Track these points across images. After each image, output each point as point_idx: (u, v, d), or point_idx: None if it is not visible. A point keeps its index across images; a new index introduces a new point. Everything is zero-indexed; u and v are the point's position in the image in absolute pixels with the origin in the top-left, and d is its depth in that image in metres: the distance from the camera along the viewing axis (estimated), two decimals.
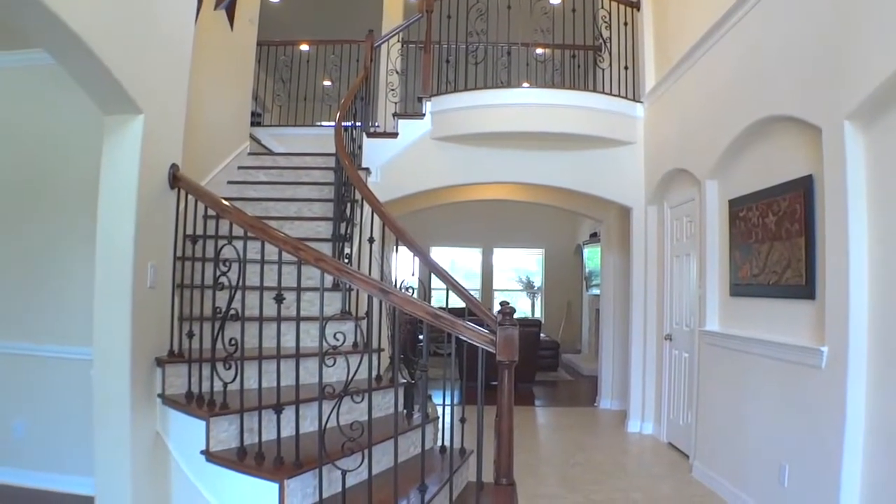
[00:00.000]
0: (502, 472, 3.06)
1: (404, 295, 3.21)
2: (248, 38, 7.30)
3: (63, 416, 4.97)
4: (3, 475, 5.04)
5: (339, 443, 3.17)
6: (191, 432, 3.51)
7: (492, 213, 13.40)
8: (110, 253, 3.65)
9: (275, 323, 3.40)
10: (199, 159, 4.48)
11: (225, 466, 3.34)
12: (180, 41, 4.21)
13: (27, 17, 2.96)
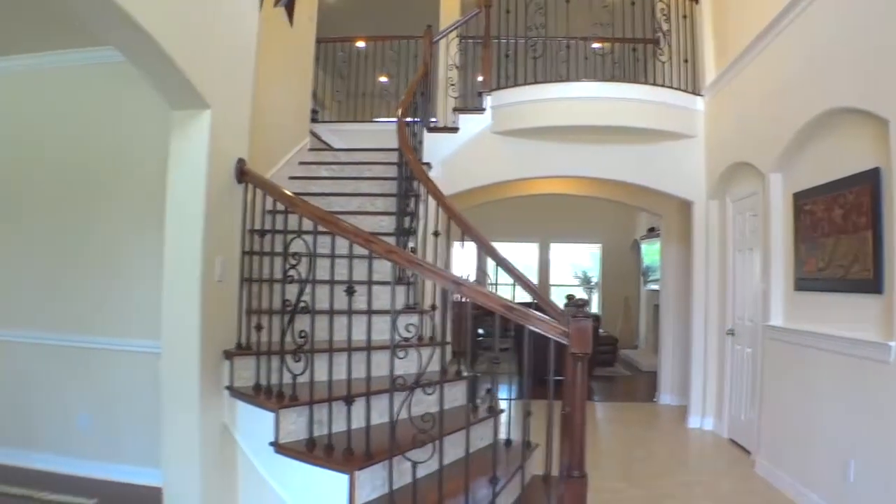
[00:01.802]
0: (574, 464, 3.01)
1: (478, 287, 3.18)
2: (307, 35, 7.35)
3: (128, 408, 5.07)
4: (70, 466, 5.16)
5: (407, 435, 3.17)
6: (259, 424, 3.54)
7: (549, 207, 13.30)
8: (179, 247, 3.69)
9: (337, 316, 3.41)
10: (261, 155, 4.52)
11: (294, 458, 3.36)
12: (245, 37, 4.25)
13: (100, 15, 3.02)
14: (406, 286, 4.72)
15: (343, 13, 10.61)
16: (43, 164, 5.45)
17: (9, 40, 5.25)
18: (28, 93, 5.56)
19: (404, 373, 3.31)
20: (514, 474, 3.60)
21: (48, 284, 5.35)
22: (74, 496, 4.62)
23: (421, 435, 3.09)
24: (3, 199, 5.56)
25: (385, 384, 3.45)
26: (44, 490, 4.72)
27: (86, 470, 5.11)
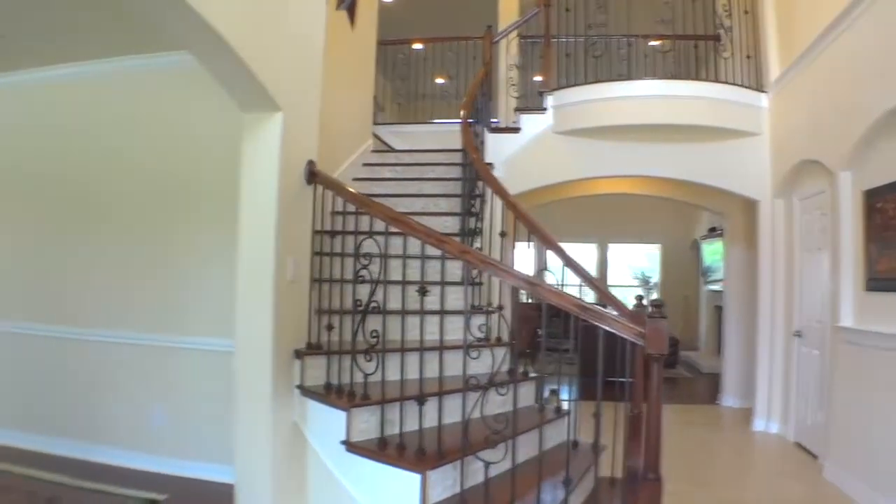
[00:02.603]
0: (650, 467, 2.97)
1: (552, 287, 3.16)
2: (369, 38, 7.41)
3: (200, 406, 5.17)
4: (143, 461, 5.29)
5: (478, 435, 3.16)
6: (329, 423, 3.56)
7: (608, 207, 13.18)
8: (252, 248, 3.75)
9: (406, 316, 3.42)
10: (326, 156, 4.56)
11: (365, 457, 3.37)
12: (312, 40, 4.31)
13: (176, 21, 3.08)
14: (474, 286, 4.72)
15: (402, 16, 10.66)
16: (117, 168, 5.60)
17: (87, 46, 5.41)
18: (106, 97, 5.71)
19: (473, 372, 3.31)
20: (584, 476, 3.58)
21: (121, 285, 5.50)
22: (146, 491, 4.72)
23: (493, 435, 3.09)
24: (79, 202, 5.73)
25: (454, 384, 3.46)
26: (117, 484, 4.84)
27: (158, 466, 5.22)
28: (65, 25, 5.00)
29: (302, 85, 4.09)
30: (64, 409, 5.68)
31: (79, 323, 5.64)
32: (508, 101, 7.92)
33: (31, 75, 5.99)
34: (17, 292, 5.99)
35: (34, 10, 4.76)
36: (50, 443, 5.65)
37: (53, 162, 5.89)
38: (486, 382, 3.16)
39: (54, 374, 5.74)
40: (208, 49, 3.31)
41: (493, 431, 3.07)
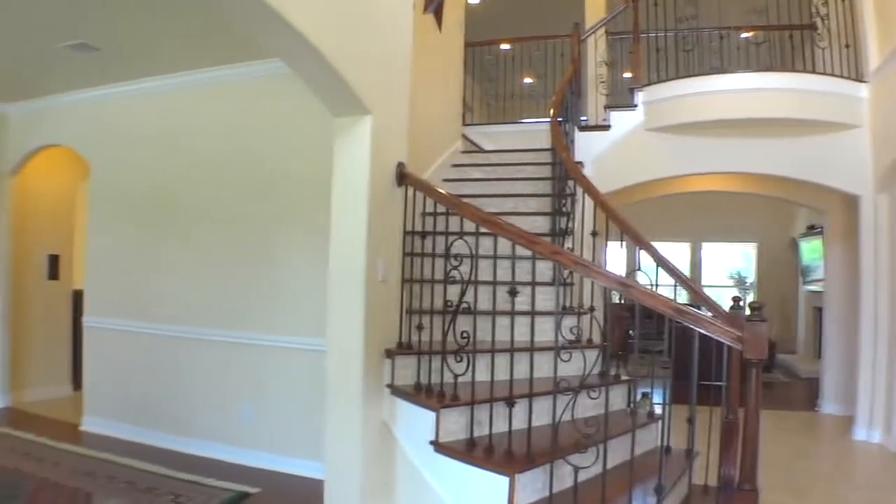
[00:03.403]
0: (746, 476, 2.89)
1: (645, 289, 3.10)
2: (456, 40, 7.43)
3: (291, 403, 5.29)
4: (236, 455, 5.47)
5: (568, 438, 3.13)
6: (419, 422, 3.59)
7: (701, 205, 12.86)
8: (344, 249, 3.81)
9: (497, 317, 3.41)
10: (416, 158, 4.60)
11: (454, 458, 3.36)
12: (400, 44, 4.35)
13: (270, 31, 3.18)
14: (564, 287, 4.68)
15: (489, 17, 10.65)
16: (213, 174, 5.80)
17: (182, 57, 5.63)
18: (203, 106, 5.94)
19: (563, 374, 3.28)
20: (677, 483, 3.50)
21: (217, 285, 5.70)
22: (239, 484, 4.85)
23: (584, 439, 3.05)
24: (178, 206, 5.97)
25: (544, 386, 3.43)
26: (210, 477, 4.99)
27: (250, 460, 5.39)
28: (161, 39, 5.22)
29: (391, 88, 4.13)
30: (162, 403, 5.94)
31: (176, 321, 5.88)
32: (598, 99, 7.83)
33: (131, 86, 6.30)
34: (122, 292, 6.30)
35: (131, 24, 4.97)
36: (149, 435, 5.94)
37: (153, 169, 6.17)
38: (577, 385, 3.12)
39: (154, 370, 6.00)
40: (300, 57, 3.39)
41: (584, 435, 3.03)
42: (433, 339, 3.77)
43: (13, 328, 7.31)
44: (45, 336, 7.69)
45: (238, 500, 4.58)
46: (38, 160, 7.33)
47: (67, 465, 5.18)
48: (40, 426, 6.38)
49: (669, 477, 3.50)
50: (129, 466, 5.19)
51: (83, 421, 6.44)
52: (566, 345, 3.06)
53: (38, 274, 7.59)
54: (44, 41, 5.32)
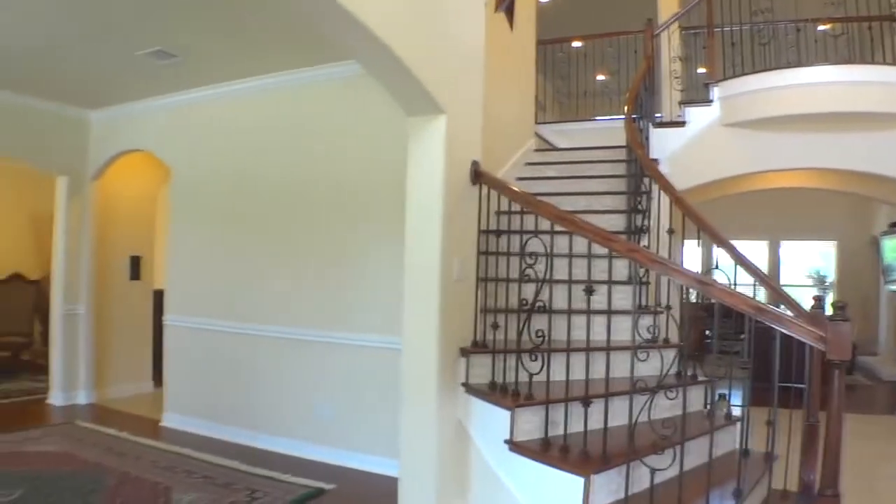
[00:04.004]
0: (827, 482, 2.80)
1: (725, 287, 3.03)
2: (528, 38, 7.39)
3: (365, 400, 5.34)
4: (312, 451, 5.56)
5: (644, 439, 3.08)
6: (493, 421, 3.58)
7: (779, 202, 12.53)
8: (419, 248, 3.84)
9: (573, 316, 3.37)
10: (490, 157, 4.59)
11: (529, 457, 3.34)
12: (473, 43, 4.36)
13: (345, 33, 3.23)
14: (640, 286, 4.61)
15: (560, 14, 10.58)
16: (292, 175, 5.90)
17: (261, 61, 5.75)
18: (280, 108, 6.04)
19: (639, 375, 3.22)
20: (755, 487, 3.41)
21: (296, 285, 5.79)
22: (315, 480, 4.92)
23: (661, 440, 2.99)
24: (258, 208, 6.09)
25: (620, 386, 3.38)
26: (287, 472, 5.06)
27: (325, 456, 5.46)
28: (236, 44, 5.33)
29: (464, 88, 4.14)
30: (239, 400, 6.07)
31: (254, 320, 6.01)
32: (672, 95, 7.67)
33: (208, 91, 6.47)
34: (202, 291, 6.48)
35: (207, 31, 5.10)
36: (227, 431, 6.09)
37: (232, 171, 6.32)
38: (654, 385, 3.07)
39: (232, 368, 6.15)
40: (375, 58, 3.44)
41: (661, 436, 2.98)
42: (508, 337, 3.76)
43: (97, 327, 7.58)
44: (128, 335, 7.96)
45: (313, 497, 4.64)
46: (120, 165, 7.60)
47: (148, 460, 5.33)
48: (122, 422, 6.59)
49: (748, 481, 3.42)
50: (207, 462, 5.32)
51: (163, 417, 6.63)
52: (643, 344, 3.00)
53: (120, 275, 7.87)
54: (123, 50, 5.50)
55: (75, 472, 4.97)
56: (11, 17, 4.92)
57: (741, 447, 3.31)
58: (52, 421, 6.67)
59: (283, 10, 4.41)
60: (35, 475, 4.83)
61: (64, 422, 6.58)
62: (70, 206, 7.41)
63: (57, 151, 7.33)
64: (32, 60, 5.90)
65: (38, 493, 4.45)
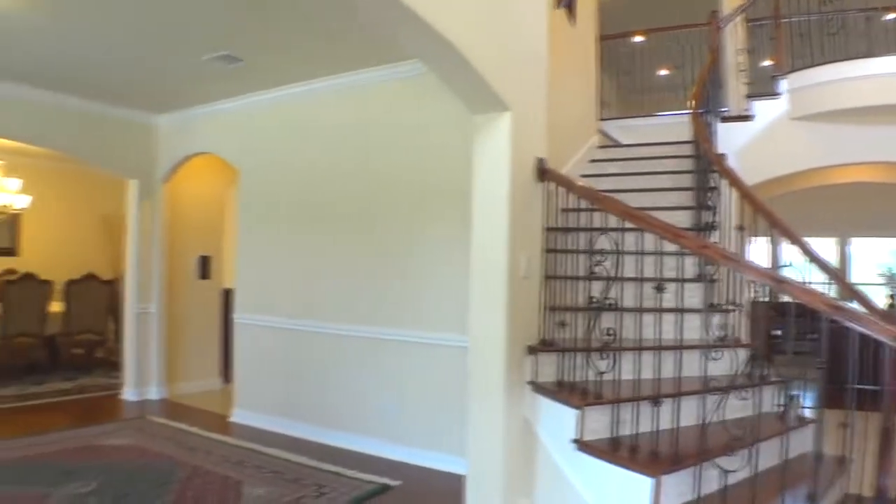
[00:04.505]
0: None
1: (800, 285, 2.96)
2: (589, 34, 7.33)
3: (434, 398, 5.34)
4: (376, 448, 5.60)
5: (715, 440, 3.03)
6: (560, 420, 3.56)
7: (848, 197, 12.14)
8: (486, 246, 3.83)
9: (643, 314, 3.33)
10: (554, 154, 4.56)
11: (597, 457, 3.31)
12: (536, 39, 4.34)
13: (408, 32, 3.23)
14: (709, 283, 4.53)
15: (621, 9, 10.45)
16: (359, 176, 5.94)
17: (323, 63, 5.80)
18: (344, 110, 6.10)
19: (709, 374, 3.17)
20: (828, 491, 3.32)
21: (363, 284, 5.83)
22: (380, 476, 4.95)
23: (734, 441, 2.94)
24: (326, 209, 6.16)
25: (689, 386, 3.33)
26: (353, 469, 5.11)
27: (392, 453, 5.49)
28: (301, 46, 5.39)
29: (528, 84, 4.12)
30: (307, 396, 6.17)
31: (321, 317, 6.09)
32: (739, 88, 7.52)
33: (273, 94, 6.57)
34: (269, 290, 6.59)
35: (272, 35, 5.16)
36: (294, 427, 6.19)
37: (297, 171, 6.41)
38: (727, 385, 3.02)
39: (299, 364, 6.24)
40: (438, 56, 3.43)
41: (734, 437, 2.93)
42: (575, 336, 3.73)
43: (168, 326, 7.79)
44: (197, 333, 8.16)
45: (379, 493, 4.67)
46: (188, 167, 7.79)
47: (218, 454, 5.44)
48: (193, 417, 6.76)
49: (820, 484, 3.34)
50: (275, 457, 5.40)
51: (232, 413, 6.76)
52: (716, 343, 2.95)
53: (190, 274, 8.07)
54: (190, 55, 5.62)
55: (148, 465, 5.11)
56: (89, 28, 5.11)
57: (816, 450, 3.22)
58: (125, 416, 6.87)
59: (348, 12, 4.44)
60: (110, 468, 4.99)
61: (137, 416, 6.77)
62: (141, 208, 7.63)
63: (128, 156, 7.54)
64: (104, 69, 6.10)
65: (114, 485, 4.58)
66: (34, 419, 6.53)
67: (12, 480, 4.66)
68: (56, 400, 7.46)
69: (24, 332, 8.24)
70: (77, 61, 5.89)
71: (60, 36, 5.28)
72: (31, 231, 10.71)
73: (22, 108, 6.69)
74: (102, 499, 4.32)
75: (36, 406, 7.14)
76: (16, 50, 5.60)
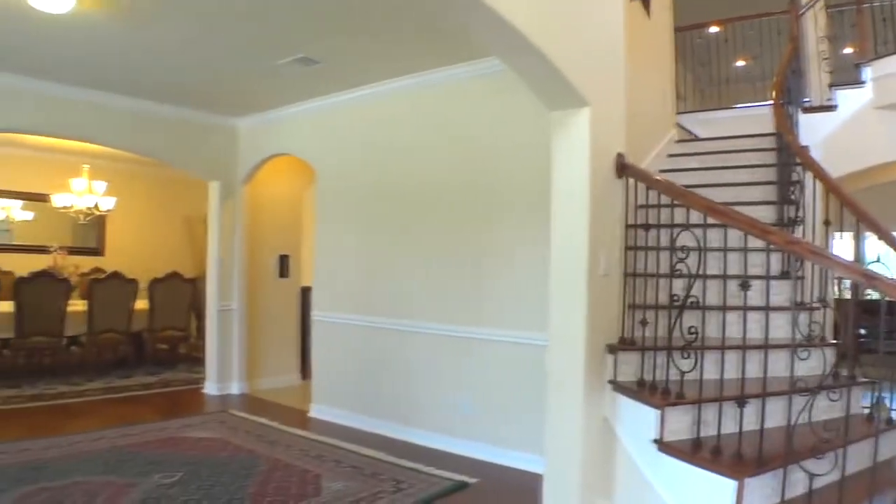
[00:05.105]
0: None
1: (892, 281, 2.85)
2: (665, 25, 7.20)
3: (508, 396, 5.32)
4: (454, 445, 5.61)
5: (801, 442, 2.95)
6: (641, 420, 3.51)
7: None
8: (565, 243, 3.81)
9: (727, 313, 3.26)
10: (631, 149, 4.49)
11: (678, 458, 3.26)
12: (612, 32, 4.29)
13: (485, 29, 3.25)
14: (794, 281, 4.41)
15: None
16: (433, 173, 5.98)
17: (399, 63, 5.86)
18: (420, 108, 6.14)
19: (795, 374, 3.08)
20: None
21: (440, 282, 5.86)
22: (458, 473, 4.96)
23: (822, 444, 2.85)
24: (402, 207, 6.22)
25: (774, 386, 3.24)
26: (430, 465, 5.14)
27: (469, 450, 5.49)
28: (377, 47, 5.44)
29: (606, 78, 4.08)
30: (384, 393, 6.23)
31: (399, 315, 6.15)
32: (821, 78, 7.29)
33: (350, 95, 6.65)
34: (347, 288, 6.69)
35: (349, 36, 5.22)
36: (372, 423, 6.26)
37: (375, 171, 6.47)
38: (815, 385, 2.93)
39: (377, 361, 6.31)
40: (516, 52, 3.43)
41: (822, 440, 2.84)
42: (656, 334, 3.68)
43: (248, 323, 8.00)
44: (277, 330, 8.36)
45: (456, 490, 4.67)
46: (267, 168, 7.97)
47: (298, 448, 5.54)
48: (272, 411, 6.90)
49: None
50: (354, 452, 5.47)
51: (311, 408, 6.88)
52: (804, 342, 2.87)
53: (269, 273, 8.27)
54: (268, 58, 5.74)
55: (230, 457, 5.24)
56: (176, 39, 5.32)
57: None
58: (207, 409, 7.07)
59: (426, 11, 4.46)
60: (194, 459, 5.14)
61: (219, 410, 6.96)
62: (222, 209, 7.84)
63: (210, 158, 7.77)
64: (188, 76, 6.34)
65: (197, 476, 4.72)
66: (121, 411, 6.79)
67: (102, 469, 4.84)
68: (141, 393, 7.75)
69: (111, 329, 8.54)
70: (163, 70, 6.14)
71: (148, 48, 5.52)
72: (117, 232, 11.15)
73: (113, 115, 6.99)
74: (187, 489, 4.45)
75: (123, 399, 7.43)
76: (108, 61, 5.89)
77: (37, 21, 4.80)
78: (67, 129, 6.90)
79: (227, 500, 4.27)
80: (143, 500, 4.24)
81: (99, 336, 8.47)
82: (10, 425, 6.06)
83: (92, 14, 4.72)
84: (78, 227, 10.43)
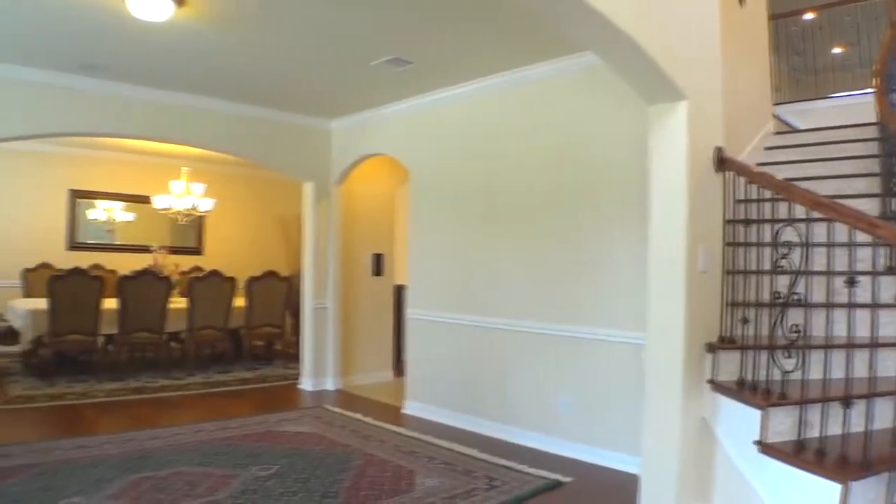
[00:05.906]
0: None
1: None
2: (759, 14, 6.99)
3: (605, 395, 5.28)
4: (550, 444, 5.59)
5: None
6: (741, 421, 3.44)
7: None
8: (663, 240, 3.76)
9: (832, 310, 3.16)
10: (728, 143, 4.39)
11: (780, 460, 3.18)
12: (706, 23, 4.22)
13: (580, 23, 3.24)
14: None
15: None
16: (528, 171, 5.96)
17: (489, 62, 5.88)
18: (512, 106, 6.14)
19: None
20: None
21: (536, 280, 5.85)
22: (552, 472, 4.94)
23: None
24: (497, 205, 6.24)
25: (885, 386, 3.13)
26: (524, 464, 5.13)
27: (564, 449, 5.48)
28: (468, 45, 5.47)
29: (702, 70, 4.01)
30: (479, 390, 6.26)
31: (495, 313, 6.17)
32: None
33: (442, 94, 6.72)
34: (442, 286, 6.75)
35: (440, 35, 5.28)
36: (466, 420, 6.31)
37: (469, 169, 6.51)
38: None
39: (471, 359, 6.36)
40: (613, 47, 3.42)
41: None
42: (757, 333, 3.60)
43: (343, 320, 8.18)
44: (371, 327, 8.55)
45: (550, 488, 4.66)
46: (360, 169, 8.13)
47: (391, 444, 5.63)
48: (367, 407, 7.03)
49: None
50: (447, 448, 5.52)
51: (405, 404, 6.98)
52: None
53: (364, 271, 8.47)
54: (360, 60, 5.85)
55: (326, 451, 5.37)
56: (272, 45, 5.51)
57: None
58: (303, 404, 7.26)
59: (517, 7, 4.46)
60: (291, 452, 5.29)
61: (314, 405, 7.14)
62: (317, 209, 8.05)
63: (305, 159, 7.99)
64: (283, 80, 6.54)
65: (294, 469, 4.85)
66: (220, 405, 7.05)
67: (202, 461, 5.02)
68: (239, 388, 8.02)
69: (209, 325, 8.82)
70: (260, 75, 6.34)
71: (244, 53, 5.70)
72: (215, 232, 11.55)
73: (212, 119, 7.27)
74: (284, 481, 4.58)
75: (221, 393, 7.71)
76: (207, 67, 6.11)
77: (140, 31, 5.03)
78: (169, 133, 7.17)
79: (323, 493, 4.37)
80: (242, 491, 4.38)
81: (198, 332, 8.77)
82: (115, 417, 6.38)
83: (190, 22, 4.91)
84: (177, 227, 10.85)
